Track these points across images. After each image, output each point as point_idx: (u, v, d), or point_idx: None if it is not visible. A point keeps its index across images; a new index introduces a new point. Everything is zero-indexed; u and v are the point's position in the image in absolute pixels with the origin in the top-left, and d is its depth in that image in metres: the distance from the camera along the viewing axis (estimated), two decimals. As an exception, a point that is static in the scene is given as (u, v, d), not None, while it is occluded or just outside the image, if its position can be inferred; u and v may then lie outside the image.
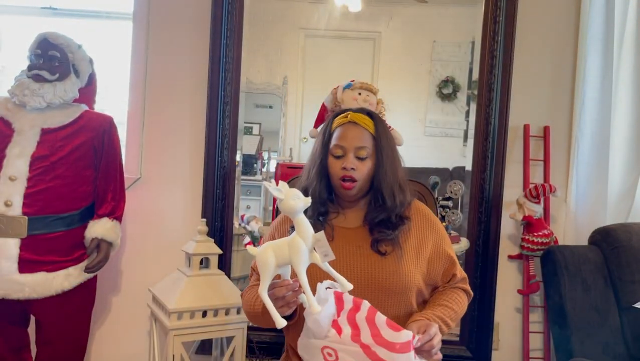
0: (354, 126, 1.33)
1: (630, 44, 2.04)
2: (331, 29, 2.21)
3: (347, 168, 1.29)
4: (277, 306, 1.14)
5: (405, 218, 1.34)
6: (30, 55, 1.82)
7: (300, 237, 1.11)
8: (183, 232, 2.20)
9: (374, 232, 1.32)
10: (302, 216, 1.12)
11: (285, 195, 1.11)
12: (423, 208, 1.42)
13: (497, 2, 2.06)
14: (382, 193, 1.32)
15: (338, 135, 1.33)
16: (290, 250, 1.11)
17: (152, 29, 2.23)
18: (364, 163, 1.31)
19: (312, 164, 1.37)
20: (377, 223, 1.32)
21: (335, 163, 1.32)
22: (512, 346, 2.19)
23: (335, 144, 1.33)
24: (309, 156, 1.42)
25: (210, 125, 2.14)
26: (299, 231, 1.11)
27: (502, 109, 2.08)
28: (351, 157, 1.30)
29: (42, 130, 1.77)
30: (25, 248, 1.68)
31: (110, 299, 2.25)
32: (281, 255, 1.12)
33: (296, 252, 1.10)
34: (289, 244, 1.11)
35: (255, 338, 2.02)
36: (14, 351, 1.83)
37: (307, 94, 2.25)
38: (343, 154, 1.31)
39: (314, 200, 1.32)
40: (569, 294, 1.77)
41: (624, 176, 2.05)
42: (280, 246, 1.12)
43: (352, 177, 1.30)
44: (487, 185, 2.09)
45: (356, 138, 1.31)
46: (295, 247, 1.10)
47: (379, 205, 1.33)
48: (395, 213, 1.32)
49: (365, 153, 1.31)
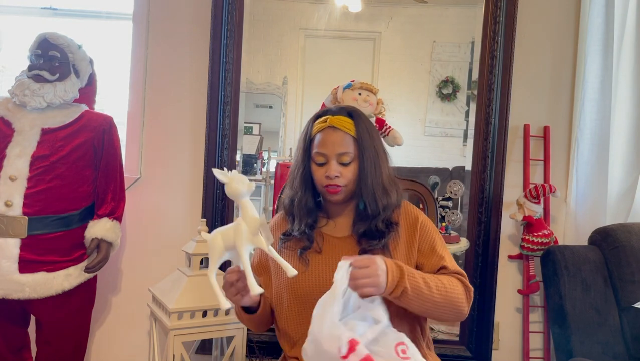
0: (334, 131, 1.29)
1: (630, 44, 2.04)
2: (331, 29, 2.21)
3: (331, 177, 1.26)
4: (231, 294, 1.20)
5: (393, 224, 1.30)
6: (30, 55, 1.82)
7: (245, 221, 1.15)
8: (183, 232, 2.20)
9: (362, 241, 1.29)
10: (246, 200, 1.16)
11: (229, 179, 1.15)
12: (411, 209, 1.37)
13: (497, 2, 2.06)
14: (364, 199, 1.29)
15: (318, 141, 1.29)
16: (234, 234, 1.15)
17: (152, 29, 2.23)
18: (348, 168, 1.28)
19: (295, 172, 1.35)
20: (363, 233, 1.29)
21: (319, 171, 1.29)
22: (512, 346, 2.19)
23: (316, 152, 1.29)
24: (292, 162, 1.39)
25: (210, 125, 2.14)
26: (243, 215, 1.15)
27: (502, 109, 2.08)
28: (334, 165, 1.27)
29: (42, 130, 1.77)
30: (25, 248, 1.68)
31: (110, 299, 2.25)
32: (228, 240, 1.16)
33: (239, 235, 1.14)
34: (234, 228, 1.15)
35: (255, 338, 2.02)
36: (14, 351, 1.83)
37: (307, 94, 2.24)
38: (325, 161, 1.28)
39: (300, 211, 1.32)
40: (569, 294, 1.77)
41: (624, 176, 2.05)
42: (227, 231, 1.17)
43: (336, 184, 1.27)
44: (487, 185, 2.09)
45: (337, 144, 1.27)
46: (239, 230, 1.14)
47: (361, 213, 1.30)
48: (381, 219, 1.28)
49: (347, 158, 1.28)
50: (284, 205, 1.40)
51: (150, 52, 2.23)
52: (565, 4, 2.18)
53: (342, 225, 1.35)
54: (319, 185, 1.31)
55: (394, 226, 1.30)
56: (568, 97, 2.20)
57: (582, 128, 2.11)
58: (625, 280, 1.75)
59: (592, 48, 2.08)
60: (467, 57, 2.20)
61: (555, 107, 2.20)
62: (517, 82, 2.11)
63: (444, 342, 2.11)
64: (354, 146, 1.29)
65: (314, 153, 1.30)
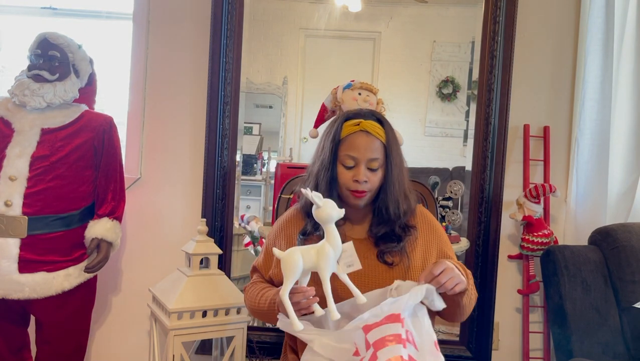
0: (366, 135, 1.27)
1: (630, 44, 2.04)
2: (331, 29, 2.21)
3: (360, 182, 1.26)
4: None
5: (411, 228, 1.32)
6: (30, 55, 1.82)
7: (330, 244, 1.15)
8: (183, 232, 2.20)
9: (380, 244, 1.30)
10: (333, 225, 1.17)
11: (324, 203, 1.16)
12: (427, 214, 1.40)
13: (497, 2, 2.07)
14: (387, 206, 1.29)
15: (350, 144, 1.28)
16: (318, 257, 1.15)
17: (152, 29, 2.23)
18: (375, 174, 1.28)
19: (321, 172, 1.31)
20: (381, 237, 1.30)
21: (346, 174, 1.28)
22: (512, 346, 2.19)
23: (346, 154, 1.28)
24: (313, 160, 1.37)
25: (210, 125, 2.14)
26: (329, 239, 1.16)
27: (502, 109, 2.09)
28: (363, 169, 1.26)
29: (42, 130, 1.77)
30: (25, 248, 1.68)
31: (110, 299, 2.25)
32: (309, 260, 1.16)
33: (324, 258, 1.14)
34: (318, 250, 1.16)
35: (255, 338, 2.02)
36: (14, 351, 1.83)
37: (307, 94, 2.25)
38: (354, 165, 1.27)
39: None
40: (569, 294, 1.77)
41: (624, 176, 2.05)
42: (309, 251, 1.16)
43: (363, 190, 1.27)
44: (487, 185, 2.09)
45: (369, 149, 1.27)
46: (324, 253, 1.15)
47: (382, 217, 1.30)
48: (399, 224, 1.30)
49: (377, 164, 1.27)
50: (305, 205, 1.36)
51: (150, 52, 2.23)
52: (565, 4, 2.18)
53: (358, 228, 1.36)
54: (344, 187, 1.29)
55: (411, 230, 1.32)
56: (568, 97, 2.20)
57: (582, 128, 2.11)
58: (625, 280, 1.75)
59: (592, 48, 2.08)
60: (467, 57, 2.20)
61: (555, 107, 2.20)
62: (517, 82, 2.11)
63: (444, 342, 2.11)
64: (383, 152, 1.29)
65: (343, 155, 1.28)
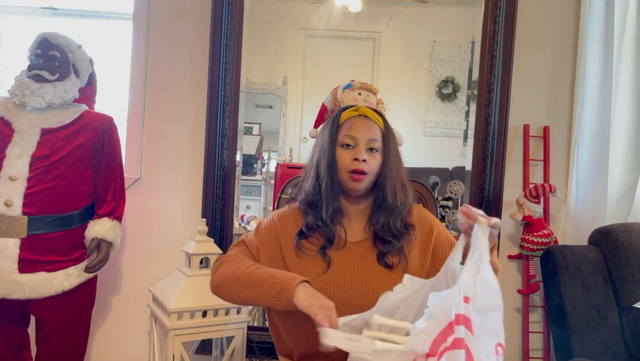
0: (365, 119, 1.30)
1: (630, 44, 2.04)
2: (331, 29, 2.21)
3: (359, 160, 1.24)
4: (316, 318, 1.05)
5: (409, 226, 1.31)
6: (30, 55, 1.82)
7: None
8: (183, 232, 2.20)
9: (378, 243, 1.28)
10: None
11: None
12: (424, 213, 1.38)
13: (497, 2, 2.07)
14: (385, 190, 1.28)
15: (349, 126, 1.28)
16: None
17: (152, 29, 2.23)
18: (374, 156, 1.27)
19: (321, 159, 1.30)
20: (381, 229, 1.27)
21: (346, 154, 1.26)
22: (512, 346, 2.19)
23: (346, 134, 1.27)
24: (311, 153, 1.36)
25: (210, 125, 2.14)
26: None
27: (502, 109, 2.09)
28: (362, 149, 1.26)
29: (42, 130, 1.77)
30: (25, 248, 1.68)
31: (110, 299, 2.25)
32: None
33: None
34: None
35: (255, 338, 2.02)
36: (14, 351, 1.83)
37: (307, 94, 2.25)
38: (354, 145, 1.27)
39: (327, 195, 1.27)
40: (569, 294, 1.77)
41: (624, 176, 2.05)
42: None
43: (363, 170, 1.25)
44: (487, 185, 2.09)
45: (368, 129, 1.27)
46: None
47: (380, 204, 1.29)
48: (398, 218, 1.28)
49: (376, 145, 1.27)
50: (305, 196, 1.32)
51: (150, 52, 2.23)
52: (565, 4, 2.19)
53: (356, 229, 1.33)
54: (342, 170, 1.27)
55: (409, 228, 1.30)
56: (568, 97, 2.20)
57: (582, 128, 2.11)
58: (625, 280, 1.75)
59: (592, 48, 2.08)
60: (467, 57, 2.20)
61: (555, 107, 2.20)
62: (517, 82, 2.12)
63: (444, 342, 2.11)
64: (381, 138, 1.29)
65: (343, 136, 1.27)
